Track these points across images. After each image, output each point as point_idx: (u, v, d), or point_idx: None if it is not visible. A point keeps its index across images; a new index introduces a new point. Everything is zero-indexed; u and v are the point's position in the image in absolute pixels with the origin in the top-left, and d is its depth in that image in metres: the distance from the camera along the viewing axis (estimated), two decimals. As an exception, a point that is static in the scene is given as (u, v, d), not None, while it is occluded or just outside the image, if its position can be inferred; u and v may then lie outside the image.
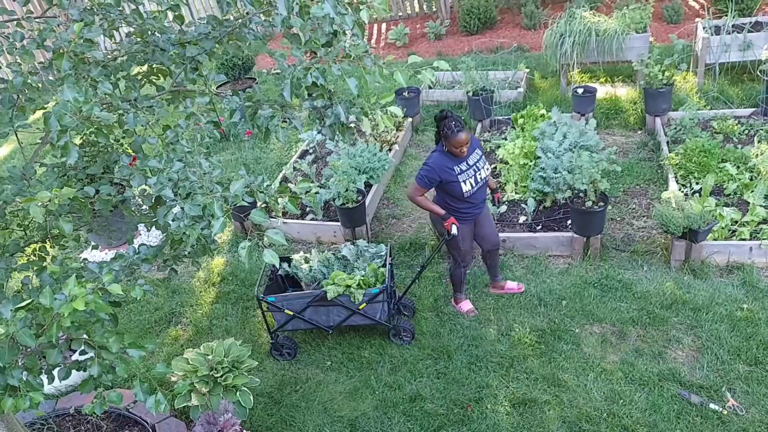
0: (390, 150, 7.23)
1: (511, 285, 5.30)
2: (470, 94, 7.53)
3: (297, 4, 2.65)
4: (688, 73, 7.83)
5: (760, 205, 5.34)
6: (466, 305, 5.18)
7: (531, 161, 6.32)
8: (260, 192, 2.74)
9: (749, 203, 5.41)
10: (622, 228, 5.82)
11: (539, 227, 5.81)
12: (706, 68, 7.49)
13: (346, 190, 5.93)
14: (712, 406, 4.01)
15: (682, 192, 5.69)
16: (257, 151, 8.03)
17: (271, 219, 6.25)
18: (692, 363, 4.36)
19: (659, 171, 6.36)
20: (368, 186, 6.63)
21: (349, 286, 4.70)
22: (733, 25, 7.41)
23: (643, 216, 5.90)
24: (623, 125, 7.37)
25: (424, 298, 5.33)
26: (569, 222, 5.66)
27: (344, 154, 6.68)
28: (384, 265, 4.99)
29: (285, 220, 6.32)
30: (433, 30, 10.48)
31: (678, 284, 5.02)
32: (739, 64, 7.51)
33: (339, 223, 6.09)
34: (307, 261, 5.17)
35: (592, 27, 7.40)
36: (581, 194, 5.47)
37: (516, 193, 6.23)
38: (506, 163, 6.57)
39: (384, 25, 11.68)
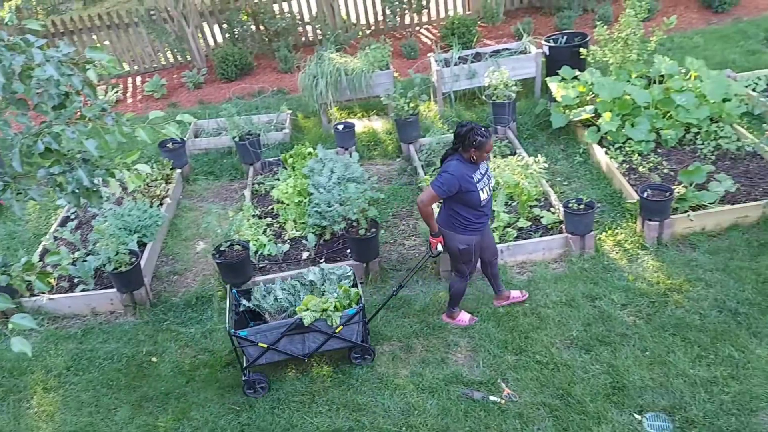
0: (162, 204, 6.83)
1: (516, 294, 5.22)
2: (237, 139, 7.44)
3: (19, 67, 2.37)
4: (430, 102, 8.58)
5: (503, 212, 6.00)
6: (465, 315, 5.06)
7: (305, 198, 6.41)
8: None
9: (494, 211, 6.03)
10: (396, 249, 6.12)
11: (322, 260, 5.88)
12: (444, 96, 8.28)
13: (117, 253, 5.46)
14: (491, 398, 4.34)
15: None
16: (10, 225, 7.06)
17: (35, 297, 5.53)
18: (470, 362, 4.70)
19: (417, 191, 6.83)
20: (143, 245, 6.18)
21: (325, 310, 4.48)
22: (459, 57, 8.30)
23: (413, 235, 6.28)
24: (384, 154, 7.81)
25: (217, 352, 5.08)
26: (349, 251, 5.82)
27: (111, 215, 6.16)
28: (354, 285, 4.84)
29: (51, 296, 5.62)
30: (191, 79, 10.21)
31: (445, 289, 5.34)
32: (469, 91, 8.41)
33: (115, 290, 5.57)
34: (269, 292, 4.87)
35: (341, 67, 7.78)
36: (354, 223, 5.67)
37: (296, 230, 6.26)
38: (282, 202, 6.59)
39: (139, 78, 11.11)
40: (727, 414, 3.95)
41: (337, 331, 4.56)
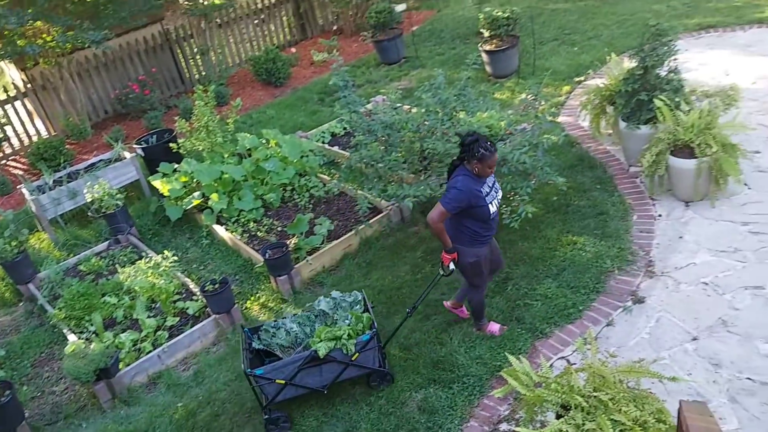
0: None
1: (464, 310, 5.00)
2: None
3: None
4: (40, 233, 7.60)
5: (148, 317, 5.65)
6: (494, 326, 4.82)
7: None
8: None
9: (139, 320, 5.64)
10: (47, 400, 5.25)
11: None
12: (52, 223, 7.43)
13: None
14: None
15: (83, 339, 5.49)
16: None
17: None
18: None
19: (51, 330, 5.97)
20: None
21: (339, 338, 4.23)
22: (54, 181, 7.55)
23: (62, 378, 5.45)
24: (2, 305, 6.61)
25: None
26: (-17, 430, 4.74)
27: None
28: (366, 311, 4.56)
29: None
30: None
31: (114, 421, 4.79)
32: (78, 209, 7.72)
33: None
34: (278, 328, 4.58)
35: None
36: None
37: None
38: None
39: None
40: (387, 415, 4.36)
41: (353, 359, 4.28)
